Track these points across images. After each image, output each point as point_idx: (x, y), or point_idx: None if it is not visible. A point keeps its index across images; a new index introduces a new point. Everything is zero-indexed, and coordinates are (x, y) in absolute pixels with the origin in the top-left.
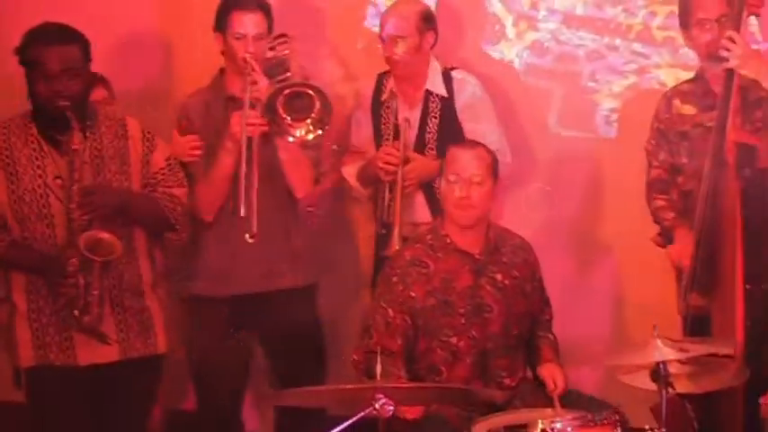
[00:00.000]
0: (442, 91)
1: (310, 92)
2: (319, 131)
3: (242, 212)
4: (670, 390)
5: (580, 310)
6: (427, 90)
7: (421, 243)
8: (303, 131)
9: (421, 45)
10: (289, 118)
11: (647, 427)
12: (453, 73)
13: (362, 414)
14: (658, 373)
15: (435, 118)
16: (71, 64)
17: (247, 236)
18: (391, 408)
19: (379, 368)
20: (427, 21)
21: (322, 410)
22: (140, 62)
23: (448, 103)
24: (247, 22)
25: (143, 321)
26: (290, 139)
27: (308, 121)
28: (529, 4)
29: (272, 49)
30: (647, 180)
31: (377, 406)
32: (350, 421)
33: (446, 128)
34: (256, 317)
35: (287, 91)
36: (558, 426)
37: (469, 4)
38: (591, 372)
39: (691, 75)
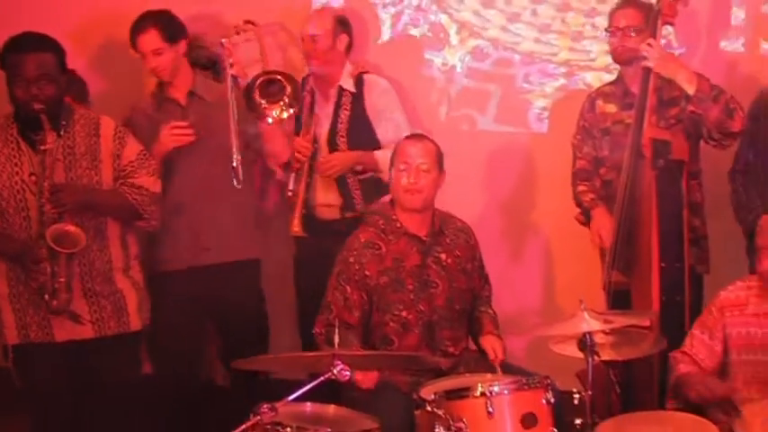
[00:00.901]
0: (352, 88)
1: (281, 78)
2: (291, 110)
3: None
4: (595, 357)
5: (515, 287)
6: (340, 86)
7: (374, 227)
8: (277, 112)
9: (334, 45)
10: (264, 102)
11: (574, 390)
12: (365, 76)
13: (323, 378)
14: (585, 342)
15: (347, 110)
16: (46, 70)
17: None
18: (348, 373)
19: (337, 338)
20: (342, 25)
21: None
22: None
23: (358, 100)
24: (143, 43)
25: (116, 302)
26: (269, 120)
27: (281, 103)
28: (470, 13)
29: (237, 33)
30: (572, 170)
31: (335, 371)
32: (311, 385)
33: (355, 120)
34: (201, 290)
35: (261, 79)
36: (496, 389)
37: (420, 16)
38: (525, 341)
39: (612, 77)
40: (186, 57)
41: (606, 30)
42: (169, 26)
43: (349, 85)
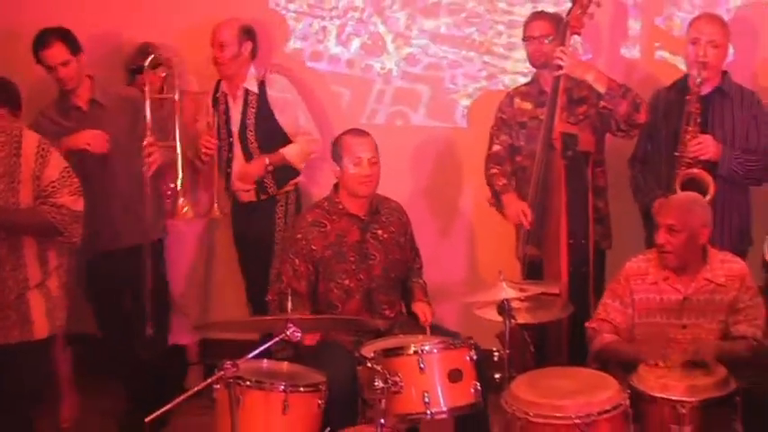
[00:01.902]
0: (255, 89)
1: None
2: None
3: None
4: (512, 321)
5: (443, 260)
6: (245, 88)
7: (320, 209)
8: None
9: (240, 52)
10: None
11: (494, 349)
12: (267, 76)
13: (277, 339)
14: (503, 307)
15: (253, 108)
16: None
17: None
18: (299, 334)
19: (289, 305)
20: (246, 33)
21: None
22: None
23: (263, 98)
24: (50, 56)
25: (21, 313)
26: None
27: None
28: (404, 25)
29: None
30: (487, 154)
31: (288, 333)
32: (267, 344)
33: (260, 115)
34: (115, 270)
35: None
36: (427, 348)
37: (362, 27)
38: (452, 307)
39: (528, 79)
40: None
41: (523, 38)
42: (71, 40)
43: (253, 86)
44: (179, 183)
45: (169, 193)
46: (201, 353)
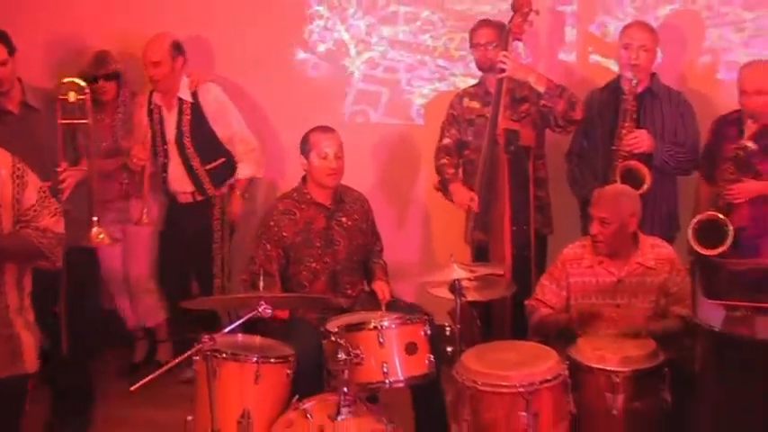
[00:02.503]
0: (189, 98)
1: None
2: None
3: None
4: (462, 299)
5: (400, 244)
6: (179, 98)
7: (290, 199)
8: None
9: (173, 67)
10: None
11: (446, 324)
12: (201, 84)
13: (250, 315)
14: (454, 287)
15: (187, 116)
16: None
17: None
18: (269, 310)
19: (261, 284)
20: (177, 49)
21: None
22: None
23: (196, 106)
24: None
25: (12, 347)
26: None
27: None
28: (365, 32)
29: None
30: (438, 146)
31: (260, 309)
32: (241, 320)
33: (196, 123)
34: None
35: None
36: (385, 323)
37: (327, 34)
38: (409, 286)
39: (475, 81)
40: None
41: (470, 45)
42: (8, 41)
43: (186, 95)
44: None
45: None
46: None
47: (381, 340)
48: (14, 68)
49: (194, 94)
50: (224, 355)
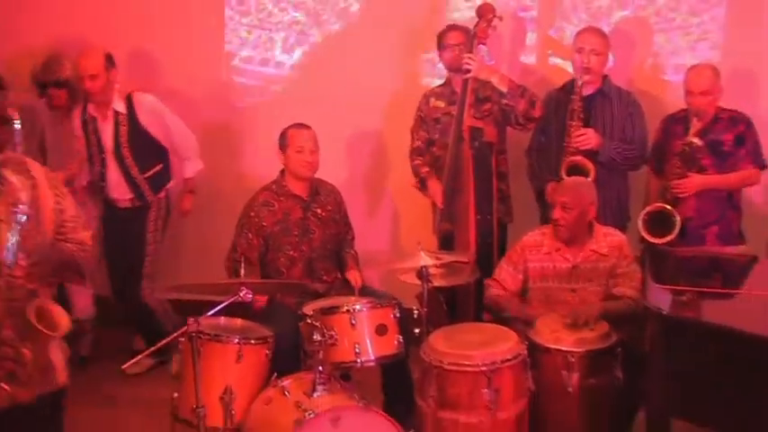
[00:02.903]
0: (123, 109)
1: None
2: None
3: None
4: (429, 284)
5: (371, 233)
6: (114, 109)
7: (269, 191)
8: None
9: (108, 79)
10: None
11: (414, 308)
12: (134, 96)
13: (231, 299)
14: (422, 273)
15: (124, 126)
16: None
17: None
18: (250, 295)
19: (243, 271)
20: (110, 61)
21: None
22: None
23: (131, 116)
24: None
25: (44, 363)
26: None
27: None
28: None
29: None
30: (410, 148)
31: (241, 294)
32: (223, 304)
33: (133, 133)
34: None
35: None
36: (357, 307)
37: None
38: (379, 273)
39: (442, 81)
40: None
41: (438, 47)
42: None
43: (121, 107)
44: None
45: None
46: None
47: (354, 322)
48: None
49: (129, 105)
50: (208, 337)
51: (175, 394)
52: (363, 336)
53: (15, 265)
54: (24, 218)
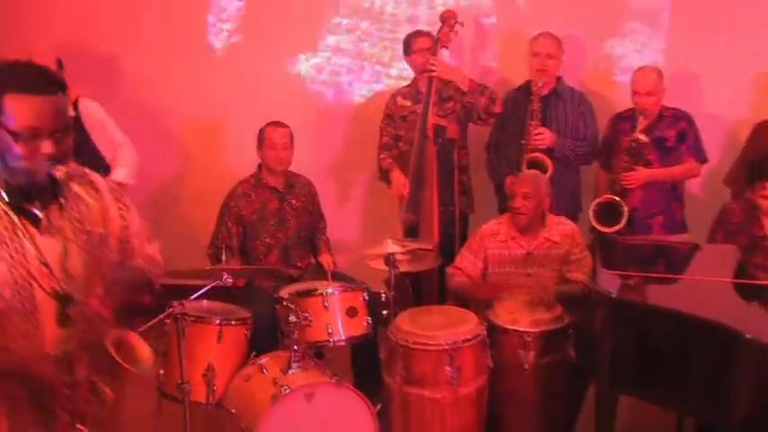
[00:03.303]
0: (71, 113)
1: None
2: None
3: None
4: (396, 270)
5: (342, 222)
6: None
7: (247, 183)
8: None
9: None
10: None
11: (381, 292)
12: (80, 101)
13: (213, 284)
14: (389, 259)
15: (74, 131)
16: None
17: None
18: (231, 280)
19: (224, 257)
20: (60, 66)
21: None
22: None
23: (77, 120)
24: None
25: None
26: None
27: None
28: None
29: None
30: (378, 144)
31: (222, 279)
32: (206, 288)
33: (79, 137)
34: None
35: None
36: (330, 290)
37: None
38: (349, 259)
39: (408, 82)
40: None
41: (406, 51)
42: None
43: (71, 111)
44: None
45: None
46: None
47: (326, 305)
48: None
49: (75, 110)
50: (191, 318)
51: (161, 371)
52: (335, 317)
53: (91, 291)
54: (94, 236)
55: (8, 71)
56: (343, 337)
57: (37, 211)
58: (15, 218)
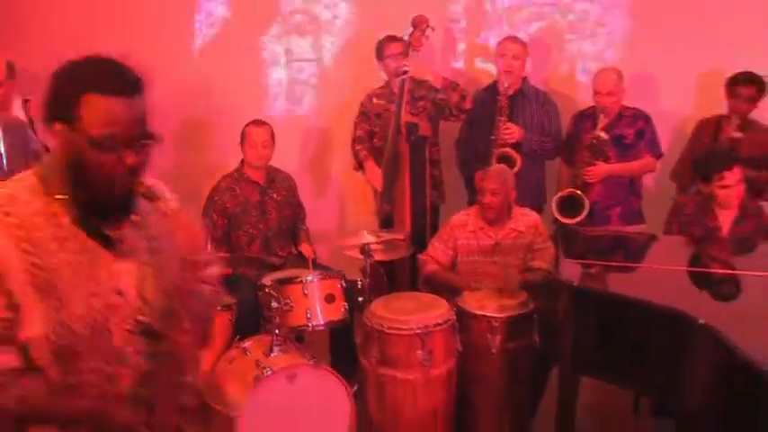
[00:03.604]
0: (23, 117)
1: None
2: None
3: None
4: (371, 258)
5: (321, 213)
6: (15, 116)
7: (231, 177)
8: None
9: (12, 87)
10: None
11: (358, 279)
12: (31, 103)
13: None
14: (364, 249)
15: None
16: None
17: None
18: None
19: (210, 248)
20: (11, 69)
21: None
22: None
23: (30, 124)
24: None
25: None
26: None
27: None
28: (294, 45)
29: None
30: (353, 137)
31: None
32: None
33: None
34: None
35: None
36: (309, 278)
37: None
38: (327, 249)
39: (382, 83)
40: None
41: (380, 56)
42: None
43: (22, 114)
44: None
45: None
46: None
47: (306, 292)
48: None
49: (27, 113)
50: None
51: None
52: (314, 303)
53: (175, 325)
54: (171, 258)
55: (88, 69)
56: (322, 322)
57: (111, 233)
58: (89, 241)
